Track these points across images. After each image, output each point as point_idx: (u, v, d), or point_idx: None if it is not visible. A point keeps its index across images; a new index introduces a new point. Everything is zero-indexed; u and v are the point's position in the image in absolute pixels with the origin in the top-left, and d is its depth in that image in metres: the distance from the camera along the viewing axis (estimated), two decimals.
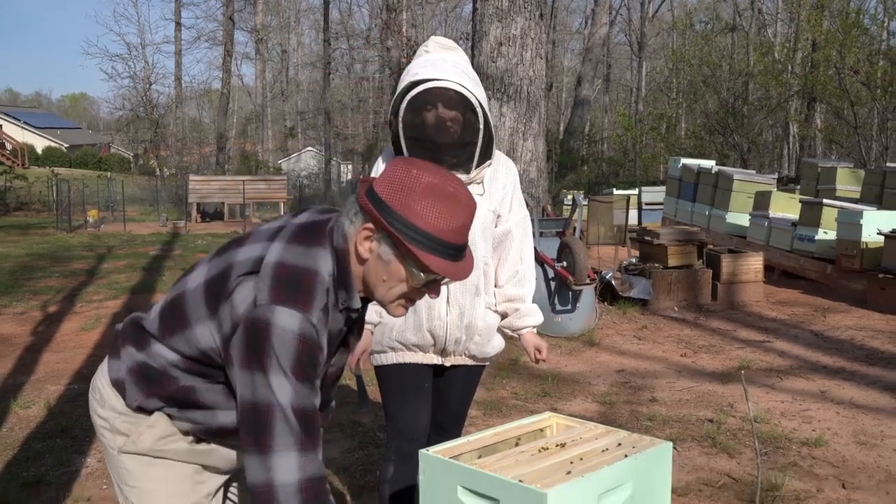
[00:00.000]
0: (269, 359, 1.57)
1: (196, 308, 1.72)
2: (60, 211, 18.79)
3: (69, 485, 3.90)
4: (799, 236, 9.90)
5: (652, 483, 2.35)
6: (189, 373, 1.77)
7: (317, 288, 1.63)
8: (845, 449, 4.30)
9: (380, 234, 1.65)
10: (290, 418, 1.57)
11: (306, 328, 1.59)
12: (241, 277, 1.65)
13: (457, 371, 2.78)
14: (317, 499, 1.59)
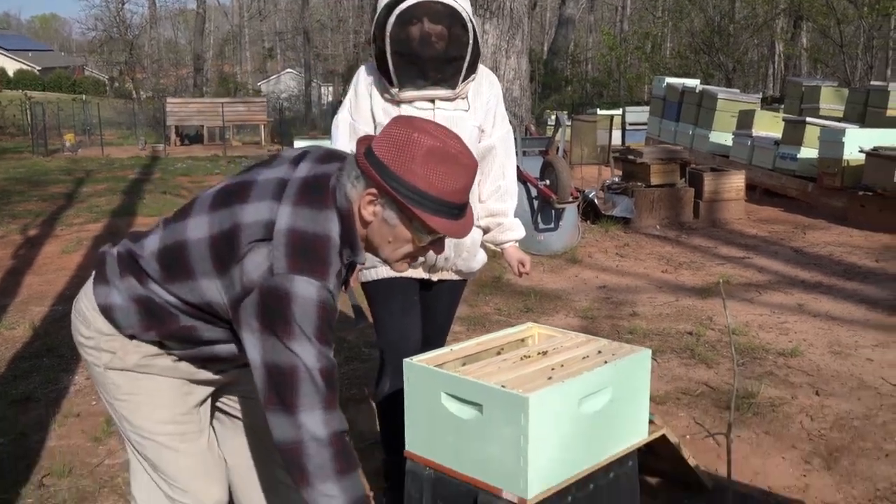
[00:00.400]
0: (292, 327, 1.61)
1: (201, 262, 1.72)
2: (36, 135, 18.46)
3: (58, 401, 3.94)
4: (781, 155, 9.92)
5: (631, 388, 2.41)
6: (190, 316, 1.78)
7: (331, 254, 1.66)
8: (820, 359, 4.40)
9: (384, 198, 1.66)
10: (317, 378, 1.63)
11: (324, 295, 1.63)
12: (252, 244, 1.64)
13: (443, 286, 2.80)
14: (344, 451, 1.66)
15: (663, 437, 2.72)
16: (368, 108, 2.54)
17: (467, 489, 2.27)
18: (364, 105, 2.54)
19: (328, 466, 1.63)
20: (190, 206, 1.81)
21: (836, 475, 3.13)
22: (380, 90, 2.52)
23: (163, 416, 1.89)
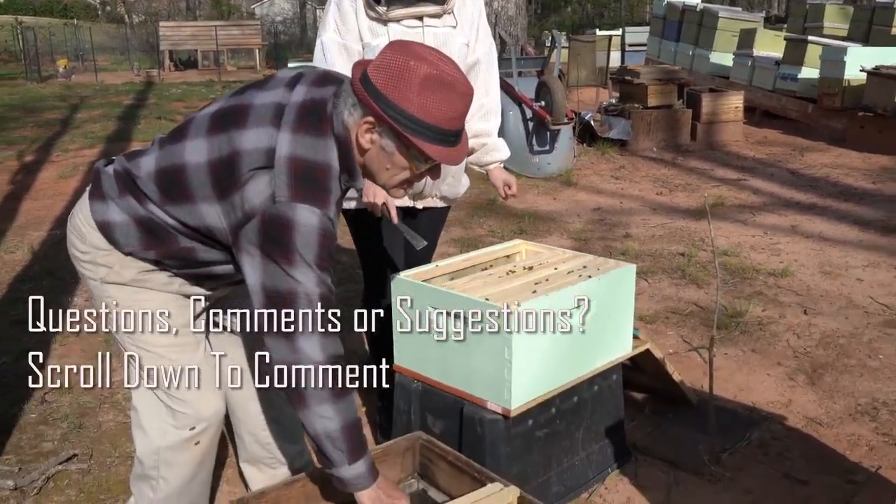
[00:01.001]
0: (293, 254, 1.64)
1: (201, 187, 1.73)
2: (28, 61, 18.24)
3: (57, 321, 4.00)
4: (782, 75, 9.80)
5: (615, 303, 2.45)
6: (190, 238, 1.81)
7: (331, 183, 1.69)
8: (810, 279, 4.45)
9: (381, 127, 1.67)
10: (315, 304, 1.67)
11: (326, 223, 1.66)
12: (253, 171, 1.66)
13: (427, 212, 2.77)
14: (338, 375, 1.71)
15: (648, 352, 2.77)
16: (356, 27, 2.47)
17: (454, 401, 2.34)
18: (351, 24, 2.48)
19: (324, 389, 1.68)
20: (186, 127, 1.82)
21: (818, 391, 3.20)
22: (365, 7, 2.47)
23: (160, 327, 1.93)
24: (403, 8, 2.45)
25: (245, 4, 37.59)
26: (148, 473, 2.04)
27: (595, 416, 2.55)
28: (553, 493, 2.45)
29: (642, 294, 4.25)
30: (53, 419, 3.08)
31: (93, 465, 2.74)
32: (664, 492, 2.53)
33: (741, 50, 10.66)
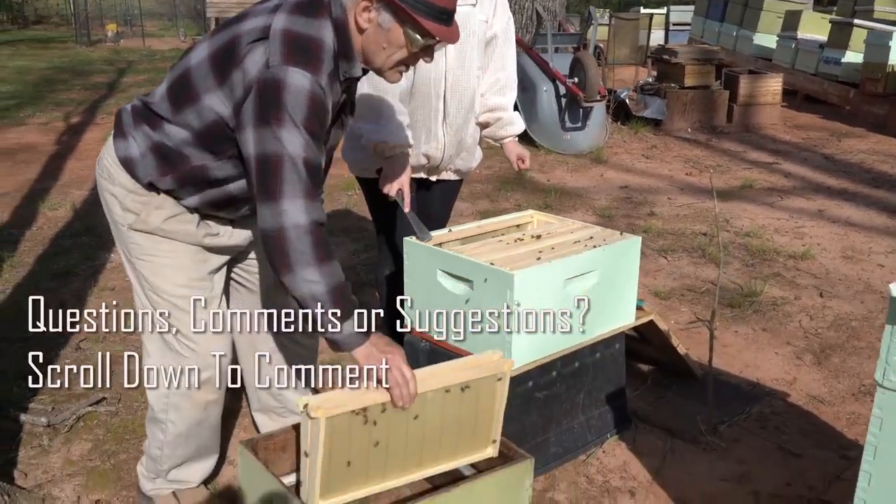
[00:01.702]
0: (283, 113, 1.71)
1: (204, 79, 1.84)
2: (79, 25, 18.56)
3: (95, 276, 4.20)
4: (825, 59, 9.65)
5: (619, 273, 2.53)
6: (201, 149, 1.90)
7: (324, 55, 1.78)
8: (830, 262, 4.47)
9: (379, 3, 1.76)
10: (299, 166, 1.73)
11: (316, 88, 1.74)
12: (251, 44, 1.77)
13: (441, 185, 2.87)
14: (323, 241, 1.77)
15: (654, 324, 2.85)
16: None
17: None
18: None
19: (308, 253, 1.74)
20: (194, 44, 1.96)
21: (824, 370, 3.25)
22: None
23: (180, 278, 2.05)
24: None
25: None
26: (157, 416, 2.17)
27: (596, 382, 2.64)
28: (551, 454, 2.55)
29: (661, 271, 4.32)
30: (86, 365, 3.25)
31: (120, 409, 2.91)
32: (660, 458, 2.62)
33: (785, 32, 10.51)
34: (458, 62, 2.59)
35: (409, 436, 1.90)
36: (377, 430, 1.83)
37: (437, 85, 2.60)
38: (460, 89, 2.63)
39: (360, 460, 1.84)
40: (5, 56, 14.65)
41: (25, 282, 4.11)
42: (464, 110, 2.68)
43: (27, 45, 17.28)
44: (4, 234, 4.85)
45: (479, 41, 2.64)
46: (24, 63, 13.57)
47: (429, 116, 2.63)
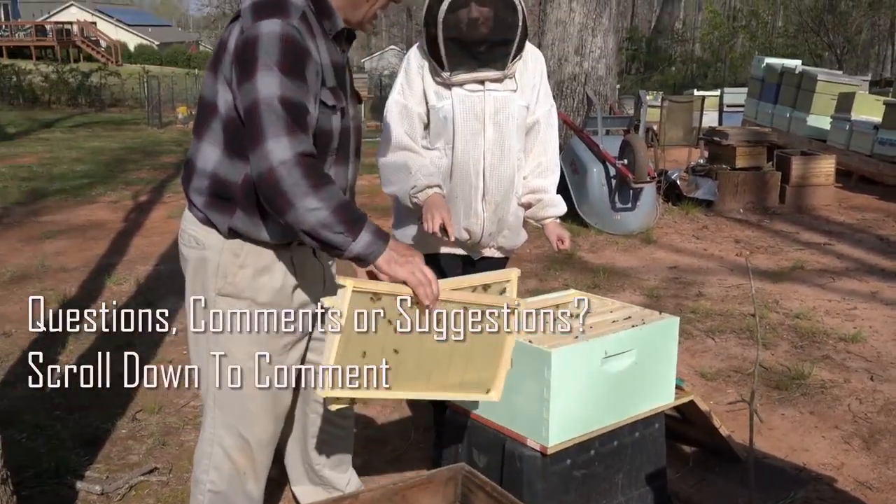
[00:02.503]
0: (256, 62, 1.79)
1: (210, 88, 1.96)
2: (151, 107, 19.44)
3: (154, 349, 4.37)
4: (880, 140, 9.61)
5: (657, 353, 2.58)
6: (235, 158, 1.94)
7: (290, 6, 1.87)
8: (882, 346, 4.42)
9: None
10: (275, 105, 1.77)
11: (287, 29, 1.82)
12: (229, 27, 1.92)
13: (485, 262, 2.93)
14: (313, 168, 1.80)
15: (695, 405, 2.86)
16: (421, 91, 2.70)
17: (497, 437, 2.50)
18: (416, 87, 2.71)
19: (302, 184, 1.75)
20: None
21: (873, 456, 3.21)
22: (431, 73, 2.69)
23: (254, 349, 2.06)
24: (467, 73, 2.65)
25: (356, 58, 39.05)
26: (199, 477, 2.22)
27: (636, 462, 2.66)
28: None
29: (707, 352, 4.32)
30: (141, 435, 3.38)
31: (171, 479, 3.02)
32: None
33: (839, 113, 10.52)
34: (497, 142, 2.71)
35: (422, 350, 1.95)
36: (394, 336, 1.88)
37: (477, 164, 2.71)
38: (499, 168, 2.74)
39: (374, 357, 1.88)
40: (82, 137, 15.42)
41: (87, 353, 4.30)
42: (503, 188, 2.77)
43: (102, 126, 18.15)
44: (71, 308, 5.08)
45: (518, 125, 2.75)
46: (99, 144, 14.25)
47: (468, 193, 2.75)
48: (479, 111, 2.69)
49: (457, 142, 2.69)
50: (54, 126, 17.38)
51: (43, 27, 39.62)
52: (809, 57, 19.42)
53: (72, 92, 22.52)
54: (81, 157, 12.21)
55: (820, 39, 21.15)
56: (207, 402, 2.17)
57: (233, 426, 2.15)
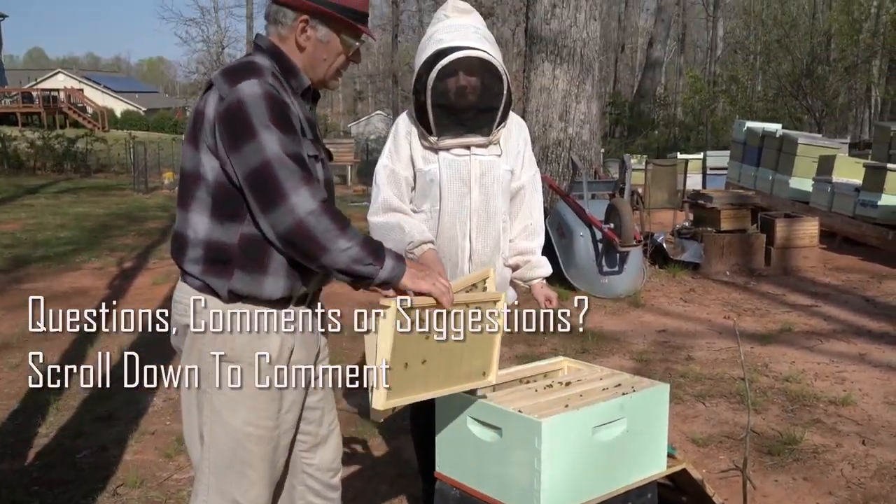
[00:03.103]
0: (251, 124, 1.87)
1: (191, 159, 1.99)
2: (137, 173, 19.48)
3: (137, 420, 4.29)
4: (862, 202, 9.74)
5: (647, 421, 2.55)
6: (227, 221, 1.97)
7: (261, 67, 1.97)
8: (873, 409, 4.39)
9: (316, 20, 2.02)
10: (287, 162, 1.86)
11: (267, 87, 1.91)
12: (203, 97, 1.98)
13: None
14: (335, 212, 1.91)
15: (688, 474, 2.82)
16: (408, 156, 2.77)
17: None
18: (404, 152, 2.78)
19: (333, 228, 1.87)
20: None
21: None
22: (419, 137, 2.76)
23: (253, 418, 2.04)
24: (453, 138, 2.74)
25: (342, 123, 39.55)
26: None
27: None
28: None
29: (698, 417, 4.28)
30: None
31: None
32: None
33: (820, 176, 10.67)
34: (483, 204, 2.78)
35: (442, 347, 2.11)
36: (426, 343, 2.06)
37: (463, 225, 2.78)
38: (486, 229, 2.80)
39: (412, 365, 2.05)
40: (67, 203, 15.39)
41: (69, 425, 4.21)
42: (489, 249, 2.83)
43: (88, 192, 18.14)
44: (53, 377, 4.99)
45: (503, 188, 2.82)
46: (84, 210, 14.23)
47: (455, 254, 2.79)
48: (466, 174, 2.76)
49: (444, 204, 2.75)
50: (39, 192, 17.37)
51: (29, 94, 39.92)
52: (789, 120, 19.77)
53: (57, 158, 22.55)
54: (66, 224, 12.17)
55: (799, 103, 21.58)
56: (202, 468, 2.11)
57: (228, 493, 2.10)
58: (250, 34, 33.90)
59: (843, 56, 21.76)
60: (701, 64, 39.82)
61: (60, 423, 4.24)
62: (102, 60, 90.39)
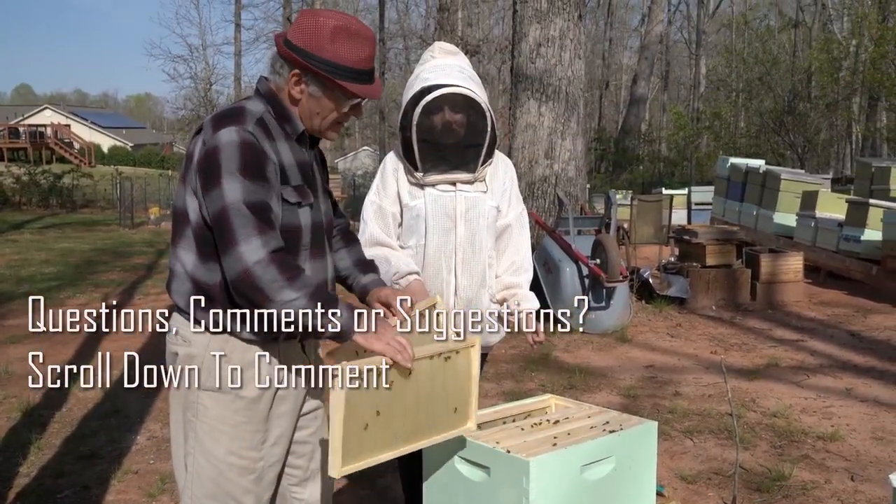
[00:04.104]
0: (220, 170, 1.90)
1: (181, 198, 2.01)
2: (123, 208, 19.45)
3: (119, 459, 4.23)
4: (845, 237, 9.83)
5: (636, 459, 2.53)
6: (209, 261, 1.99)
7: (247, 114, 1.99)
8: (861, 444, 4.39)
9: (308, 76, 2.01)
10: (243, 210, 1.88)
11: (244, 135, 1.93)
12: (193, 139, 2.00)
13: None
14: (286, 262, 1.89)
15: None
16: (395, 191, 2.79)
17: None
18: (391, 188, 2.80)
19: (278, 279, 1.85)
20: None
21: None
22: (405, 174, 2.78)
23: (235, 448, 2.05)
24: (439, 175, 2.76)
25: (329, 158, 39.67)
26: None
27: None
28: None
29: (686, 454, 4.26)
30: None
31: None
32: None
33: (804, 211, 10.77)
34: (468, 240, 2.80)
35: (407, 403, 2.04)
36: (383, 398, 1.97)
37: (449, 260, 2.79)
38: (471, 264, 2.81)
39: (373, 424, 1.97)
40: (52, 238, 15.32)
41: (51, 464, 4.15)
42: (475, 284, 2.83)
43: (73, 227, 18.08)
44: (35, 416, 4.93)
45: (489, 224, 2.84)
46: (69, 245, 14.17)
47: (441, 288, 2.79)
48: (451, 210, 2.78)
49: (429, 238, 2.77)
50: (24, 227, 17.29)
51: (16, 129, 39.95)
52: (772, 156, 19.99)
53: (43, 193, 22.51)
54: (50, 259, 12.10)
55: (781, 139, 21.84)
56: (184, 499, 2.11)
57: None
58: (238, 70, 34.16)
59: (824, 93, 22.08)
60: (684, 101, 40.34)
61: (42, 462, 4.17)
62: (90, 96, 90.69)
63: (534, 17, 8.10)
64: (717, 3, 37.35)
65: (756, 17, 27.94)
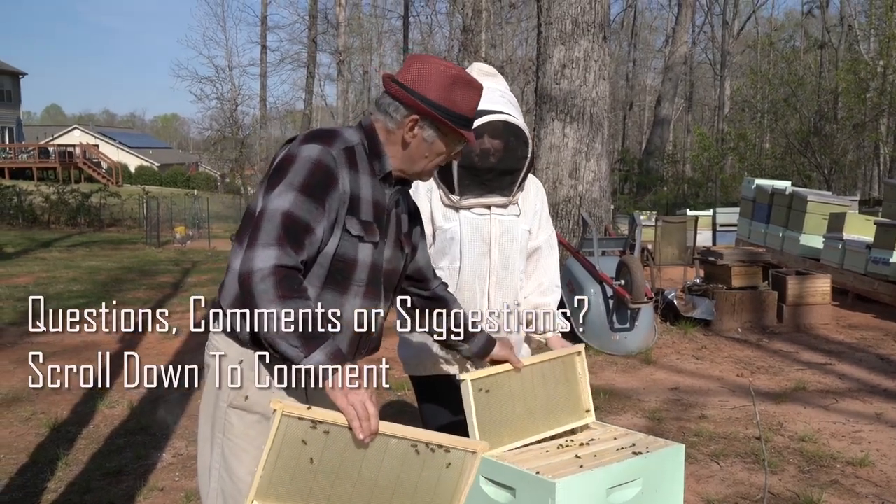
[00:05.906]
0: (285, 178, 1.92)
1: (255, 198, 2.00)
2: (150, 227, 19.66)
3: (146, 476, 4.25)
4: (873, 259, 9.71)
5: (662, 482, 2.51)
6: None
7: (339, 138, 2.02)
8: (891, 470, 4.32)
9: (424, 121, 2.04)
10: (277, 219, 1.88)
11: (325, 156, 1.96)
12: (282, 147, 2.04)
13: None
14: (287, 280, 1.86)
15: None
16: (429, 213, 2.79)
17: None
18: (424, 210, 2.78)
19: (270, 292, 1.83)
20: None
21: None
22: (440, 195, 2.79)
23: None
24: (475, 198, 2.77)
25: None
26: None
27: None
28: None
29: (713, 477, 4.22)
30: None
31: None
32: None
33: (831, 233, 10.67)
34: (502, 263, 2.81)
35: (361, 476, 1.89)
36: (330, 453, 1.86)
37: (483, 283, 2.80)
38: (504, 287, 2.82)
39: (301, 483, 1.86)
40: (80, 257, 15.51)
41: (78, 480, 4.18)
42: (506, 308, 2.82)
43: (101, 246, 18.28)
44: (62, 432, 4.98)
45: (521, 247, 2.85)
46: (96, 263, 14.33)
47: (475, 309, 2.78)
48: (486, 233, 2.79)
49: (464, 261, 2.78)
50: (52, 246, 17.51)
51: (46, 149, 40.56)
52: (798, 177, 19.87)
53: (71, 212, 22.80)
54: (78, 277, 12.24)
55: (807, 161, 21.68)
56: None
57: None
58: (263, 91, 34.47)
59: (851, 114, 21.91)
60: (709, 122, 40.19)
61: (69, 478, 4.21)
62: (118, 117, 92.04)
63: (558, 38, 8.14)
64: (741, 25, 37.25)
65: (781, 39, 27.82)
